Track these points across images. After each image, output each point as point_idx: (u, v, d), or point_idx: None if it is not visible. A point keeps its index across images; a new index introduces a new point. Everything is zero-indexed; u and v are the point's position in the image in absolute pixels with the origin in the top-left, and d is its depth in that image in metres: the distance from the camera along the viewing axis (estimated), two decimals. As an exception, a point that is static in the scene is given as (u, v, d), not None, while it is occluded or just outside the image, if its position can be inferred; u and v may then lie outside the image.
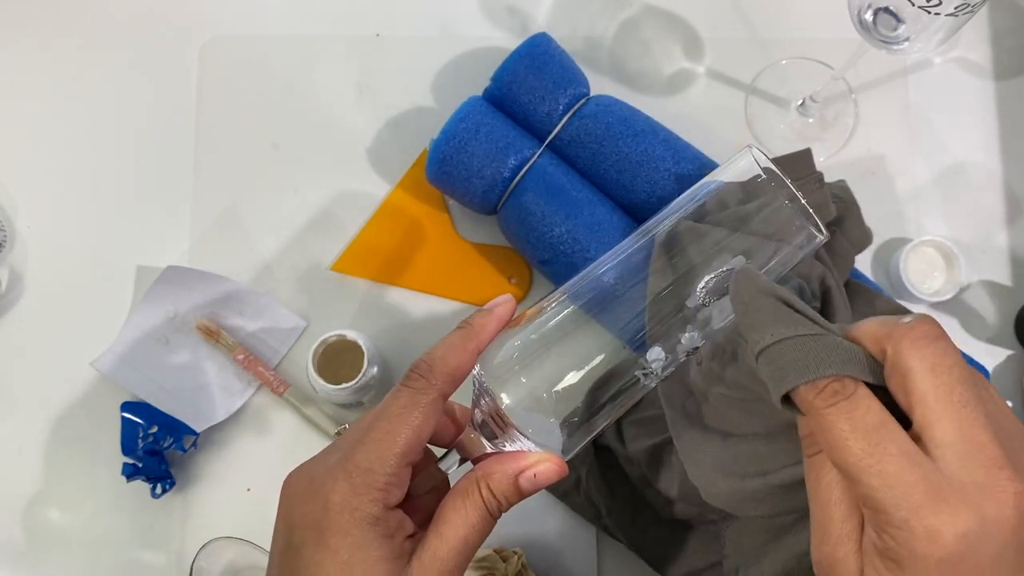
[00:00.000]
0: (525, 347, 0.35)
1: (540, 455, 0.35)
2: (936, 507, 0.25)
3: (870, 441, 0.26)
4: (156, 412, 0.61)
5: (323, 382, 0.58)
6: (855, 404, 0.27)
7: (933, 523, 0.25)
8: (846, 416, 0.27)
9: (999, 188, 0.68)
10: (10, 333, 0.65)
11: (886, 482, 0.26)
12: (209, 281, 0.63)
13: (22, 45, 0.70)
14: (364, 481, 0.33)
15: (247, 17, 0.71)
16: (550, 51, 0.62)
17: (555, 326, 0.36)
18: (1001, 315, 0.66)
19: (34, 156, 0.68)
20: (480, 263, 0.66)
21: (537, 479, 0.35)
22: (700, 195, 0.37)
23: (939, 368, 0.26)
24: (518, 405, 0.34)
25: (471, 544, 0.34)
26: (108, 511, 0.62)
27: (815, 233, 0.33)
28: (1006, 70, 0.71)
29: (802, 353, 0.28)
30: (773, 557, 0.46)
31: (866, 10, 0.53)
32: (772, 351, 0.29)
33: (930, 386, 0.26)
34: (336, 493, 0.33)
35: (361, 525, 0.32)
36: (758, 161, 0.34)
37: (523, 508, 0.37)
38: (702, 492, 0.47)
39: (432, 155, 0.61)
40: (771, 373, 0.29)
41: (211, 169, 0.68)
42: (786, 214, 0.34)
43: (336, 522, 0.33)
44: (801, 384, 0.28)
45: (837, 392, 0.27)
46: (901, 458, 0.26)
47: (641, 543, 0.58)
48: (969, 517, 0.25)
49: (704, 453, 0.47)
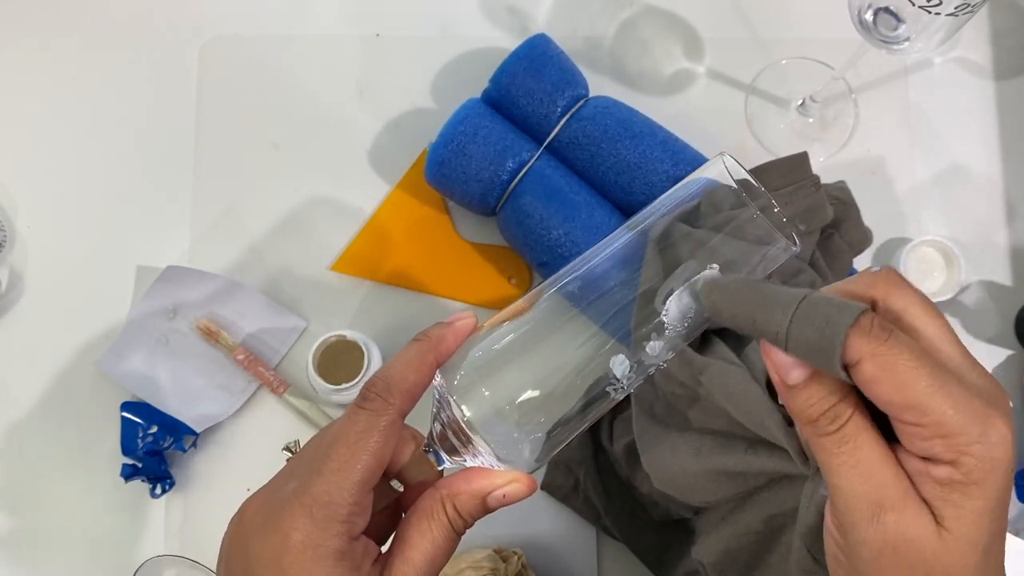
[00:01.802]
0: (488, 356, 0.34)
1: (509, 475, 0.34)
2: (995, 415, 0.26)
3: (932, 366, 0.26)
4: (156, 412, 0.62)
5: (323, 382, 0.58)
6: (900, 337, 0.27)
7: (1002, 428, 0.26)
8: (905, 347, 0.27)
9: (999, 188, 0.68)
10: (10, 333, 0.65)
11: (957, 402, 0.26)
12: (209, 281, 0.63)
13: (22, 45, 0.70)
14: (326, 515, 0.31)
15: (247, 17, 0.71)
16: (548, 52, 0.62)
17: (521, 335, 0.34)
18: (1001, 315, 0.66)
19: (34, 156, 0.68)
20: (480, 263, 0.66)
21: (506, 499, 0.34)
22: (678, 198, 0.36)
23: (924, 303, 0.29)
24: (481, 418, 0.33)
25: (437, 565, 0.33)
26: (108, 511, 0.62)
27: (788, 244, 0.33)
28: (1006, 70, 0.71)
29: (822, 309, 0.27)
30: (715, 536, 0.48)
31: (866, 10, 0.53)
32: (797, 323, 0.28)
33: (926, 319, 0.28)
34: (297, 531, 0.31)
35: (326, 561, 0.31)
36: (730, 171, 0.33)
37: (523, 508, 0.37)
38: (653, 480, 0.50)
39: (431, 158, 0.61)
40: (814, 343, 0.27)
41: (211, 169, 0.68)
42: (758, 224, 0.33)
43: (299, 561, 0.31)
44: (850, 333, 0.27)
45: (884, 327, 0.27)
46: (955, 377, 0.27)
47: (638, 544, 0.58)
48: (1009, 420, 0.27)
49: (660, 446, 0.49)
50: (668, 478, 0.49)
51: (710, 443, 0.47)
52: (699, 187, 0.36)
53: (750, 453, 0.45)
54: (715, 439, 0.47)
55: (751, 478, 0.46)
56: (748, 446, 0.45)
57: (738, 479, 0.46)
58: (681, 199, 0.36)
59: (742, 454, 0.45)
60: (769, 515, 0.45)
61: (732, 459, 0.45)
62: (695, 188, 0.36)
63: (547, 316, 0.35)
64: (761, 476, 0.45)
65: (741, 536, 0.47)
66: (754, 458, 0.44)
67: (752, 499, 0.47)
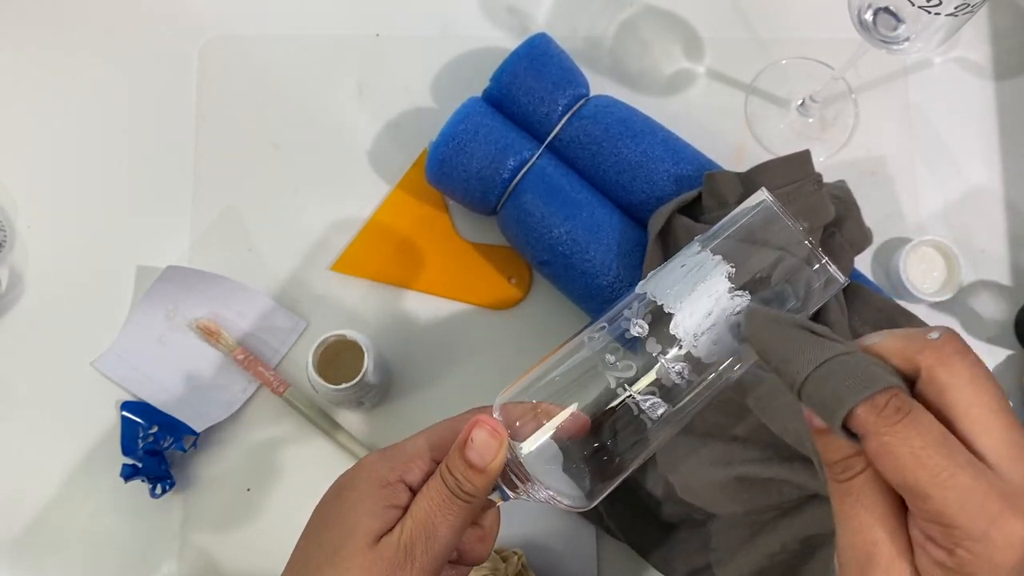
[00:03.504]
0: (532, 394, 0.36)
1: (477, 428, 0.36)
2: (1011, 515, 0.25)
3: (942, 455, 0.26)
4: (156, 412, 0.61)
5: (323, 382, 0.57)
6: (918, 419, 0.26)
7: (1011, 532, 0.25)
8: (916, 432, 0.26)
9: (999, 188, 0.68)
10: (10, 333, 0.65)
11: (962, 495, 0.25)
12: (209, 281, 0.63)
13: (22, 45, 0.70)
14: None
15: (247, 17, 0.71)
16: (549, 52, 0.62)
17: (558, 373, 0.36)
18: (1001, 315, 0.66)
19: (34, 156, 0.68)
20: (480, 263, 0.66)
21: (474, 444, 0.36)
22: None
23: (977, 381, 0.27)
24: (533, 454, 0.35)
25: (437, 524, 0.36)
26: (108, 511, 0.62)
27: (835, 278, 0.34)
28: (1006, 70, 0.71)
29: (849, 373, 0.27)
30: (746, 555, 0.47)
31: (866, 10, 0.53)
32: (816, 378, 0.28)
33: (972, 399, 0.27)
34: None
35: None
36: (774, 206, 0.34)
37: (523, 508, 0.37)
38: (677, 488, 0.49)
39: (431, 157, 0.61)
40: (824, 400, 0.28)
41: (211, 169, 0.68)
42: (804, 269, 0.33)
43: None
44: (860, 404, 0.27)
45: (899, 409, 0.27)
46: (971, 469, 0.26)
47: (643, 544, 0.58)
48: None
49: (679, 451, 0.48)
50: (695, 489, 0.49)
51: (741, 453, 0.46)
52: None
53: (785, 466, 0.44)
54: (747, 449, 0.46)
55: (784, 491, 0.45)
56: (785, 459, 0.45)
57: (770, 490, 0.46)
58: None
59: (777, 466, 0.45)
60: (808, 535, 0.45)
61: (767, 470, 0.45)
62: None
63: (575, 348, 0.37)
64: (794, 491, 0.45)
65: (775, 555, 0.46)
66: (790, 471, 0.44)
67: (787, 519, 0.46)
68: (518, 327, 0.65)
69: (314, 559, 0.37)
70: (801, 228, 0.34)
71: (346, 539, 0.36)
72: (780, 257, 0.34)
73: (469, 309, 0.65)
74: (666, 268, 0.36)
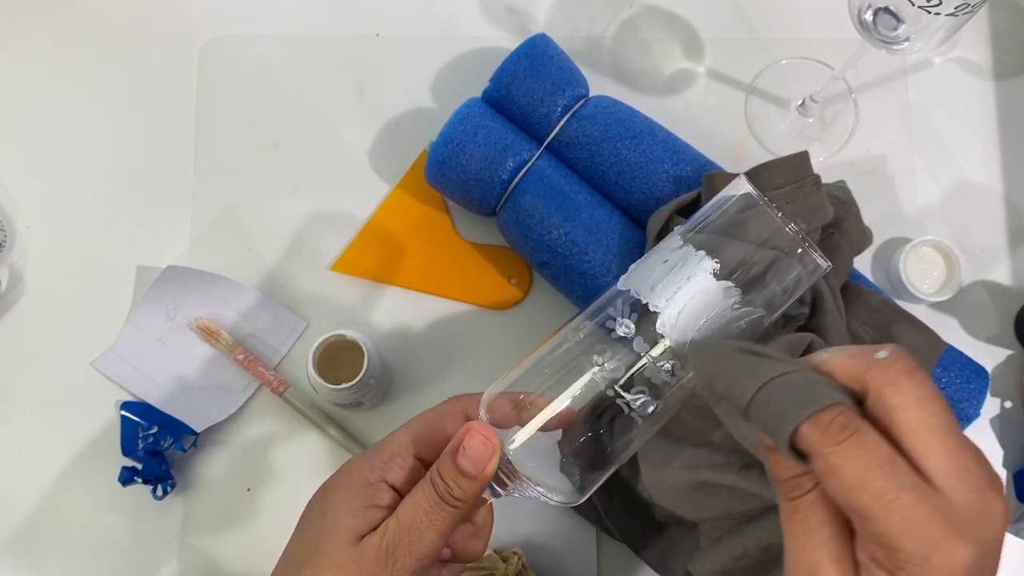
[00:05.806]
0: (520, 389, 0.36)
1: (471, 435, 0.36)
2: (953, 539, 0.25)
3: (887, 476, 0.25)
4: (156, 412, 0.62)
5: (323, 382, 0.57)
6: (864, 439, 0.26)
7: (952, 556, 0.25)
8: (861, 452, 0.26)
9: (999, 188, 0.68)
10: (10, 333, 0.65)
11: (905, 518, 0.25)
12: (209, 281, 0.63)
13: (22, 45, 0.70)
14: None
15: (247, 17, 0.71)
16: (548, 52, 0.62)
17: (543, 366, 0.37)
18: (1001, 315, 0.66)
19: (34, 156, 0.68)
20: (480, 263, 0.66)
21: (467, 452, 0.36)
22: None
23: (924, 401, 0.27)
24: (521, 451, 0.35)
25: (423, 528, 0.36)
26: (108, 511, 0.62)
27: (819, 264, 0.34)
28: (1006, 70, 0.71)
29: (792, 391, 0.27)
30: (712, 554, 0.47)
31: (866, 10, 0.53)
32: (760, 399, 0.28)
33: (918, 419, 0.27)
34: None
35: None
36: (756, 197, 0.35)
37: (523, 508, 0.37)
38: (651, 492, 0.49)
39: (431, 158, 0.61)
40: (768, 420, 0.27)
41: (211, 169, 0.68)
42: (788, 258, 0.34)
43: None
44: (804, 423, 0.26)
45: (845, 427, 0.26)
46: (915, 492, 0.25)
47: (641, 544, 0.58)
48: (976, 543, 0.25)
49: (656, 455, 0.48)
50: (663, 492, 0.49)
51: (707, 458, 0.46)
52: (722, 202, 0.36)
53: (742, 475, 0.44)
54: (712, 454, 0.46)
55: (747, 500, 0.45)
56: (742, 467, 0.45)
57: (734, 499, 0.46)
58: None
59: (734, 474, 0.45)
60: (768, 543, 0.45)
61: (726, 477, 0.45)
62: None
63: (561, 342, 0.37)
64: (756, 500, 0.45)
65: (738, 559, 0.46)
66: (746, 480, 0.44)
67: (750, 525, 0.46)
68: (518, 327, 0.65)
69: (295, 557, 0.38)
70: (781, 215, 0.33)
71: (326, 537, 0.37)
72: (763, 247, 0.34)
73: (469, 309, 0.65)
74: (648, 262, 0.36)
